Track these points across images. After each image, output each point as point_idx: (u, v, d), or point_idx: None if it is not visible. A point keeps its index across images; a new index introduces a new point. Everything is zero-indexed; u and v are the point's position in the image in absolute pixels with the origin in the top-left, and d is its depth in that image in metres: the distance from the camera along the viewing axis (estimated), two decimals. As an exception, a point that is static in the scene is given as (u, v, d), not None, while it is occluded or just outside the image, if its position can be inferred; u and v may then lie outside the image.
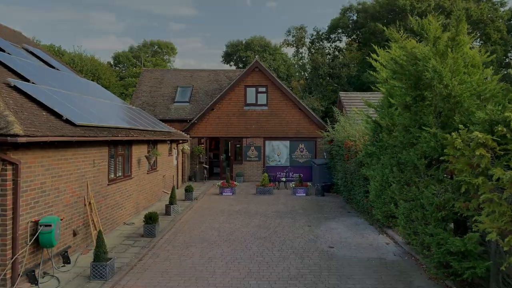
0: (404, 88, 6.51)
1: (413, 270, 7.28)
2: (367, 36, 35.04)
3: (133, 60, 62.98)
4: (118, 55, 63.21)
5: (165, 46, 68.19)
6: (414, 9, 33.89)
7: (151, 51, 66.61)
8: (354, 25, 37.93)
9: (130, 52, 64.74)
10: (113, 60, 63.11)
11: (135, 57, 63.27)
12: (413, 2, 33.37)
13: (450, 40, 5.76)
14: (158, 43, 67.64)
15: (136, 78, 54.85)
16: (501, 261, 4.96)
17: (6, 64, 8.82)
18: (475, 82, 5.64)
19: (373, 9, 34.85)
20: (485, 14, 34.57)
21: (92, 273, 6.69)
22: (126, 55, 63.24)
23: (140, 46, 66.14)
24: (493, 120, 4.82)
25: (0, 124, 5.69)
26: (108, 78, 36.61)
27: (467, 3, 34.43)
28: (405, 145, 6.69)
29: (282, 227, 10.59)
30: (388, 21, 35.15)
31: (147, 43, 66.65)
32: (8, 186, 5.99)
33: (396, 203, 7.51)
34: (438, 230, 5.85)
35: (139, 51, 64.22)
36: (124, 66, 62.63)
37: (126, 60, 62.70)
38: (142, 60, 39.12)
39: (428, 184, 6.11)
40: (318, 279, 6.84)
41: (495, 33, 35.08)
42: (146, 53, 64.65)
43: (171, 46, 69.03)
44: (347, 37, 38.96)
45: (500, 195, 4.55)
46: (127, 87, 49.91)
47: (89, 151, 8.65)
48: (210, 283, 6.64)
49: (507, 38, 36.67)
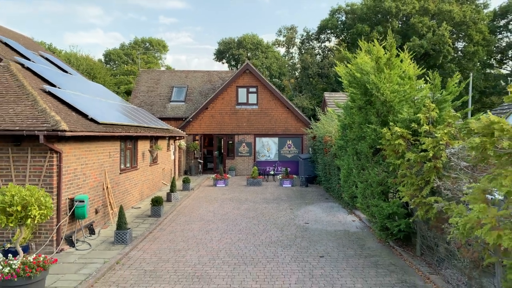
0: (359, 94, 8.71)
1: (368, 237, 9.52)
2: (355, 37, 37.32)
3: (124, 58, 64.61)
4: (109, 52, 64.67)
5: (156, 44, 69.91)
6: (400, 12, 36.28)
7: (143, 48, 68.20)
8: (343, 26, 40.22)
9: (122, 49, 66.23)
10: (104, 58, 64.50)
11: (127, 54, 64.91)
12: (399, 5, 35.71)
13: (387, 60, 7.94)
14: (149, 41, 69.34)
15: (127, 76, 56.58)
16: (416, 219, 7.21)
17: (36, 72, 10.85)
18: (404, 91, 7.85)
19: (361, 11, 37.14)
20: (467, 16, 37.03)
21: (115, 239, 8.80)
22: (117, 53, 64.73)
23: (131, 44, 67.63)
24: (409, 119, 7.03)
25: (51, 122, 7.77)
26: (103, 77, 38.41)
27: (451, 5, 36.88)
28: (360, 138, 8.91)
29: (268, 210, 12.78)
30: (375, 23, 37.53)
31: (138, 40, 68.25)
32: (54, 169, 8.08)
33: (356, 185, 9.74)
34: (379, 201, 8.07)
35: (130, 49, 65.84)
36: (115, 64, 64.22)
37: (117, 58, 64.25)
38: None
39: (373, 167, 8.33)
40: (293, 243, 9.03)
41: (477, 35, 37.59)
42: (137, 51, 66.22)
43: (163, 43, 70.74)
44: (336, 38, 41.22)
45: (411, 171, 6.78)
46: (119, 85, 51.67)
47: (106, 145, 10.74)
48: (208, 246, 8.79)
49: (489, 39, 39.24)
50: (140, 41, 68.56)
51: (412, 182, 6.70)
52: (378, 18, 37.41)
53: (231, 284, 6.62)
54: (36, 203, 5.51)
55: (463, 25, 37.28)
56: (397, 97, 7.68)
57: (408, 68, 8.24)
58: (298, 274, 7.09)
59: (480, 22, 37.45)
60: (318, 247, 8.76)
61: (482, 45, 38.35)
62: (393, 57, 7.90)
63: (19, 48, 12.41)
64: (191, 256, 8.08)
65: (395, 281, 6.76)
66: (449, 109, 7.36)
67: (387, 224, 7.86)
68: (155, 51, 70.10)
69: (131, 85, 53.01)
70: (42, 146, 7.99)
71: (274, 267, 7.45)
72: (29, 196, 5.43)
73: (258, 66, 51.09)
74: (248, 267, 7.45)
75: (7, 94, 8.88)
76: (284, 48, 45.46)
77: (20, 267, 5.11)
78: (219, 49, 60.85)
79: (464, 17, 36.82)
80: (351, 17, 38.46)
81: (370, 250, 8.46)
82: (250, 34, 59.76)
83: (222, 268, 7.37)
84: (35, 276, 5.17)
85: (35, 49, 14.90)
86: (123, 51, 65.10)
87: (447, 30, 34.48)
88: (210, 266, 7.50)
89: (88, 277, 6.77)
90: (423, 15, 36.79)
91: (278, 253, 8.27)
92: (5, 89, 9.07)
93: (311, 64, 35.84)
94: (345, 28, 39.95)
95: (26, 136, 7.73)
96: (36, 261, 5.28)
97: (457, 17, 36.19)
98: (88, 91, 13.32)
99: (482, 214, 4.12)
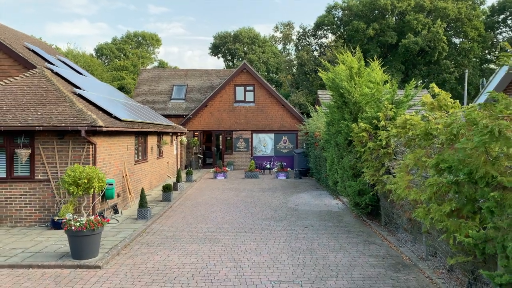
0: (337, 96, 11.39)
1: (346, 215, 12.22)
2: (352, 34, 40.05)
3: (117, 53, 66.83)
4: (101, 47, 66.74)
5: (149, 38, 72.09)
6: (395, 9, 39.00)
7: (135, 42, 70.42)
8: (339, 22, 42.91)
9: (114, 44, 68.34)
10: (96, 53, 66.53)
11: (119, 49, 67.12)
12: (394, 2, 38.42)
13: (358, 69, 10.60)
14: (142, 35, 71.52)
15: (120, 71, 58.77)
16: (379, 196, 9.90)
17: (63, 76, 13.45)
18: (372, 94, 10.51)
19: (357, 8, 39.82)
20: (463, 13, 39.81)
21: (138, 215, 11.45)
22: (109, 47, 66.82)
23: (123, 38, 69.71)
24: (371, 117, 9.72)
25: (89, 119, 10.38)
26: (100, 74, 40.92)
27: (446, 2, 39.62)
28: (338, 132, 11.59)
29: (264, 197, 15.47)
30: (371, 19, 40.24)
31: (130, 34, 70.40)
32: (90, 158, 10.71)
33: (337, 171, 12.43)
34: (352, 182, 10.77)
35: (123, 43, 68.09)
36: (107, 58, 66.42)
37: (109, 53, 66.39)
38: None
39: (347, 155, 11.02)
40: (284, 219, 11.72)
41: (473, 31, 40.39)
42: (130, 45, 68.50)
43: (156, 37, 72.86)
44: (332, 34, 43.89)
45: (371, 156, 9.47)
46: (112, 81, 54.11)
47: (124, 139, 13.36)
48: (214, 221, 11.46)
49: (485, 35, 42.06)
50: (133, 35, 70.64)
51: (372, 165, 9.38)
52: (374, 15, 40.10)
53: (235, 243, 9.28)
54: (96, 178, 8.12)
55: (458, 21, 40.03)
56: (365, 99, 10.34)
57: (376, 75, 10.91)
58: (286, 237, 9.77)
59: (475, 19, 40.19)
60: (304, 221, 11.45)
61: (478, 42, 41.12)
62: (362, 68, 10.56)
63: (43, 54, 14.99)
64: (201, 227, 10.74)
65: (360, 241, 9.45)
66: (405, 108, 10.06)
67: (357, 200, 10.56)
68: (148, 46, 72.28)
69: (124, 81, 55.50)
70: (81, 139, 10.61)
71: (268, 233, 10.13)
72: (92, 173, 8.04)
73: (255, 61, 53.73)
74: (248, 233, 10.12)
75: (47, 96, 11.49)
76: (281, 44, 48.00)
77: (86, 223, 7.72)
78: (215, 43, 63.11)
79: (459, 14, 39.56)
80: (348, 14, 41.14)
81: (346, 223, 11.16)
82: (247, 28, 62.28)
83: (227, 234, 10.03)
84: (97, 229, 7.79)
85: (50, 52, 17.46)
86: (115, 46, 67.29)
87: (441, 28, 37.20)
88: (217, 233, 10.16)
89: (124, 239, 9.42)
90: (419, 12, 39.51)
91: (271, 225, 10.95)
92: (45, 92, 11.68)
93: (307, 61, 38.50)
94: (342, 24, 42.63)
95: (69, 131, 10.35)
96: (96, 220, 7.89)
97: (452, 14, 38.92)
98: (103, 91, 15.91)
99: (400, 179, 6.81)
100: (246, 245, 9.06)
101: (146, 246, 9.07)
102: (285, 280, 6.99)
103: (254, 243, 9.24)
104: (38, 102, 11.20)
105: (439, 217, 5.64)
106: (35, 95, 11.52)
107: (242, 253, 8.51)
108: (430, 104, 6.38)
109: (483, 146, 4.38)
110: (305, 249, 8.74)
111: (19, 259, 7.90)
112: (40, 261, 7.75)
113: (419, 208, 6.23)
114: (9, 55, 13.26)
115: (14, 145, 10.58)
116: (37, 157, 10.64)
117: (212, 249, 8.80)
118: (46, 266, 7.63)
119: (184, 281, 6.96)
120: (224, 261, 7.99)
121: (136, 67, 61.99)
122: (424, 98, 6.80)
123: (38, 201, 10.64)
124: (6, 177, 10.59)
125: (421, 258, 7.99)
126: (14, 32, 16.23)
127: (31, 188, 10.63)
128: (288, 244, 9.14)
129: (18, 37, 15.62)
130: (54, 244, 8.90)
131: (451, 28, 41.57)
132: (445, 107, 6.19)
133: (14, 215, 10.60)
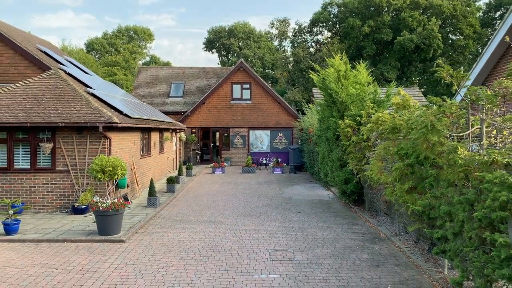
0: (326, 95, 13.32)
1: (335, 203, 14.18)
2: (347, 31, 42.06)
3: (108, 48, 68.16)
4: (91, 42, 67.98)
5: (141, 32, 73.42)
6: (391, 6, 41.03)
7: (127, 36, 71.79)
8: (335, 19, 44.89)
9: (105, 38, 69.59)
10: (86, 47, 67.71)
11: (110, 44, 68.47)
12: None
13: (344, 72, 12.55)
14: (134, 29, 72.85)
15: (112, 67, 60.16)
16: (362, 183, 11.87)
17: (75, 76, 15.27)
18: (357, 94, 12.45)
19: (352, 5, 41.80)
20: (458, 10, 41.93)
21: (148, 203, 13.33)
22: (100, 42, 68.07)
23: (114, 32, 70.98)
24: (355, 114, 11.67)
25: (105, 116, 12.23)
26: (95, 71, 42.59)
27: (441, 0, 41.70)
28: (328, 128, 13.54)
29: (261, 189, 17.41)
30: (367, 16, 42.26)
31: (122, 28, 71.71)
32: (106, 151, 12.56)
33: (328, 164, 14.38)
34: (339, 172, 12.72)
35: (114, 38, 69.48)
36: (98, 53, 67.75)
37: (100, 48, 67.64)
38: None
39: (336, 149, 12.97)
40: (279, 206, 13.67)
41: (468, 28, 42.53)
42: (121, 40, 69.91)
43: (148, 32, 74.18)
44: (328, 31, 45.89)
45: (355, 148, 11.43)
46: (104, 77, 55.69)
47: (132, 135, 15.21)
48: (216, 209, 13.36)
49: (481, 32, 44.23)
50: (124, 29, 71.88)
51: (355, 156, 11.33)
52: (370, 12, 42.11)
53: (236, 224, 11.20)
54: (119, 166, 10.00)
55: (453, 18, 42.14)
56: (351, 99, 12.30)
57: (361, 77, 12.86)
58: (281, 220, 11.71)
59: (470, 15, 42.32)
60: (297, 208, 13.39)
61: (473, 39, 43.27)
62: (348, 71, 12.52)
63: (53, 55, 16.80)
64: (205, 213, 12.65)
65: (345, 222, 11.40)
66: (385, 107, 12.01)
67: (343, 188, 12.52)
68: (140, 40, 73.63)
69: (116, 77, 57.09)
70: (97, 134, 12.46)
71: (265, 217, 12.05)
72: (116, 162, 9.92)
73: (250, 56, 55.49)
74: (247, 217, 12.04)
75: (65, 96, 13.32)
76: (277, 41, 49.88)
77: (111, 204, 9.59)
78: (209, 38, 64.54)
79: (454, 11, 41.67)
80: (343, 11, 43.12)
81: (334, 209, 13.12)
82: (242, 22, 63.93)
83: (229, 218, 11.95)
84: (121, 210, 9.67)
85: (58, 52, 19.24)
86: (106, 40, 68.64)
87: (436, 25, 39.29)
88: (220, 217, 12.07)
89: (139, 221, 11.30)
90: (414, 9, 41.57)
91: (268, 211, 12.88)
92: (62, 92, 13.51)
93: (303, 58, 40.46)
94: (338, 21, 44.62)
95: (88, 127, 12.19)
96: (119, 202, 9.76)
97: (447, 11, 41.01)
98: (109, 89, 17.74)
99: (374, 165, 8.76)
100: (246, 226, 10.99)
101: (159, 227, 10.97)
102: (279, 249, 8.92)
103: (253, 224, 11.16)
104: (57, 101, 13.03)
105: (400, 194, 7.60)
106: (54, 95, 13.35)
107: (243, 231, 10.43)
108: (397, 104, 8.32)
109: (424, 136, 6.31)
110: (297, 228, 10.68)
111: (53, 236, 9.76)
112: (72, 237, 9.63)
113: (388, 188, 8.18)
114: (25, 57, 15.06)
115: (38, 140, 12.41)
116: (57, 150, 12.48)
117: (217, 229, 10.71)
118: (78, 241, 9.50)
119: (196, 251, 8.86)
120: (228, 237, 9.91)
121: (128, 63, 63.62)
122: (393, 99, 8.74)
123: (59, 190, 12.50)
124: (30, 168, 12.43)
125: (395, 234, 9.96)
126: (25, 34, 18.00)
127: (52, 178, 12.48)
128: (283, 225, 11.07)
129: (30, 39, 17.41)
130: (79, 225, 10.77)
131: (446, 25, 43.67)
132: (408, 107, 8.14)
133: (38, 202, 12.45)
